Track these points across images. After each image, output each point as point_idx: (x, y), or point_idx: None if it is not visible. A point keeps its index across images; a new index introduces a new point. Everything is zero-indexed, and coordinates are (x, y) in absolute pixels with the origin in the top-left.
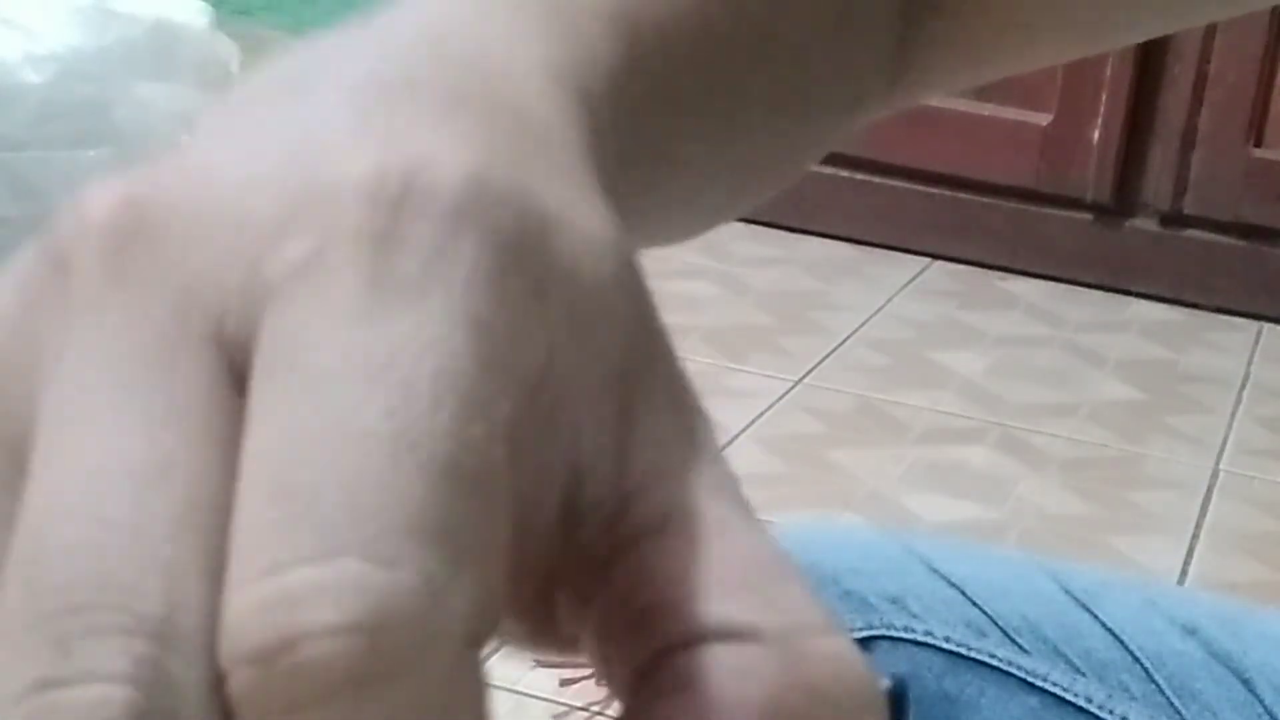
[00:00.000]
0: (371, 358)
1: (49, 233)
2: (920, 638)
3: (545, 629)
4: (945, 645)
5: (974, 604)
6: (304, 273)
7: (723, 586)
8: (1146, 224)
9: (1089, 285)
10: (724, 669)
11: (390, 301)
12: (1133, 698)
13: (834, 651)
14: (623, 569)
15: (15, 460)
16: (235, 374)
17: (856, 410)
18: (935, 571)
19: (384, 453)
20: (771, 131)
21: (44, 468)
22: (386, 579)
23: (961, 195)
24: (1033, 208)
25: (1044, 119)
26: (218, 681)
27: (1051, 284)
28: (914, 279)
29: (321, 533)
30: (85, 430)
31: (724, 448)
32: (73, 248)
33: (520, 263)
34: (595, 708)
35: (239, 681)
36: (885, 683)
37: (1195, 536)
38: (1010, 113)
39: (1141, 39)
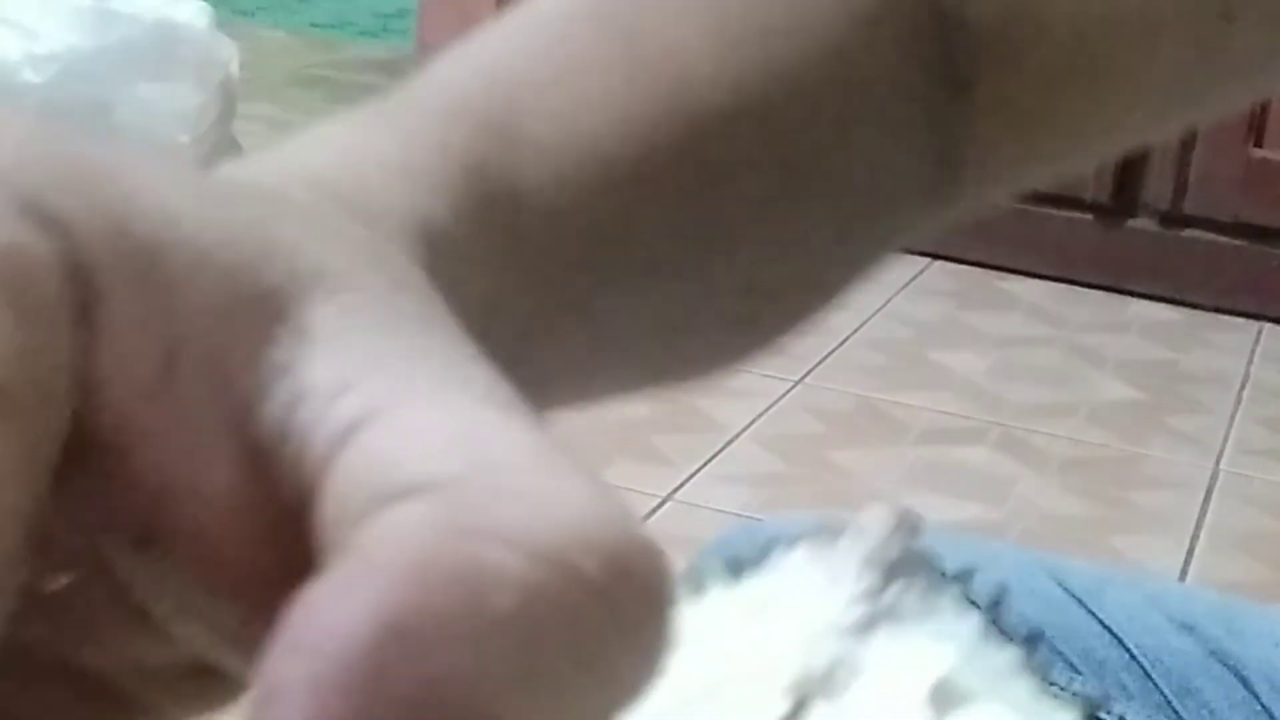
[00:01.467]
0: None
1: None
2: None
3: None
4: None
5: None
6: None
7: (421, 453)
8: (1146, 224)
9: (1089, 285)
10: (380, 533)
11: None
12: (1130, 696)
13: (535, 488)
14: (330, 479)
15: None
16: None
17: (856, 410)
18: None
19: None
20: (725, 277)
21: None
22: None
23: None
24: (1033, 208)
25: None
26: None
27: (1051, 284)
28: (914, 279)
29: None
30: None
31: (724, 448)
32: None
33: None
34: None
35: None
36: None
37: (1195, 536)
38: None
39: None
